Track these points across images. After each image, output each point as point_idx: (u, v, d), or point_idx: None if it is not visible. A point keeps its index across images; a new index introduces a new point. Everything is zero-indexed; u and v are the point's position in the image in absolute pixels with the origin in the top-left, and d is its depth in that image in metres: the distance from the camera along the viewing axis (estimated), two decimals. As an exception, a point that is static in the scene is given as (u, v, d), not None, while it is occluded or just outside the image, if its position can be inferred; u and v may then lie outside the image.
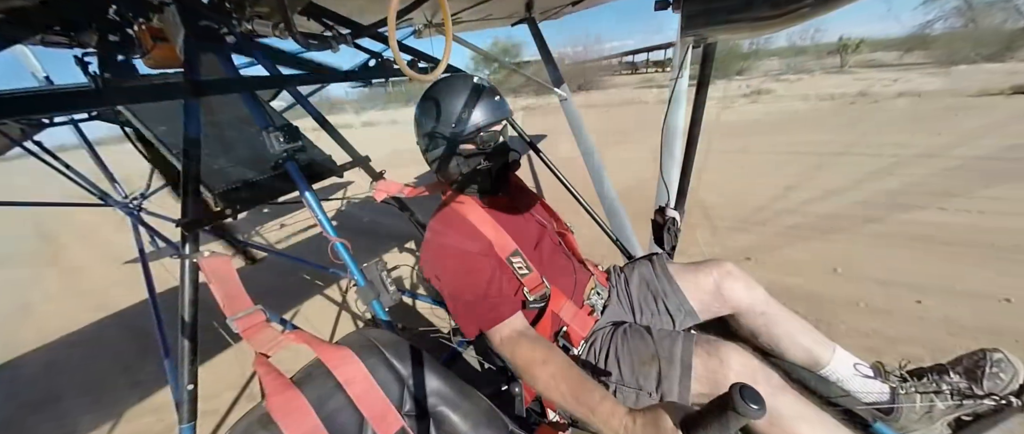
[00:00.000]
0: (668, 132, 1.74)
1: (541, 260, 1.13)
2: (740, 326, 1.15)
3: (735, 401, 0.49)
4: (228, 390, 2.19)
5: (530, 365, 0.86)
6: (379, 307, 1.19)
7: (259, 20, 1.22)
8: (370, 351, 0.92)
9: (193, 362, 0.84)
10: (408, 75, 0.77)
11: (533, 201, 1.30)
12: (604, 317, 1.16)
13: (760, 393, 0.49)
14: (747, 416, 0.48)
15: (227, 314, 0.86)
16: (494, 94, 1.07)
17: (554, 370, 0.83)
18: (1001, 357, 0.91)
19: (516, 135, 1.78)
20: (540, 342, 0.90)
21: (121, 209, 2.40)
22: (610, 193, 2.32)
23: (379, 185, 1.39)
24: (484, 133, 1.05)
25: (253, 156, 1.49)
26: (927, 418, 0.93)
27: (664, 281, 1.21)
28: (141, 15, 1.18)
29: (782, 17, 0.76)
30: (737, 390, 0.49)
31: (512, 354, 0.90)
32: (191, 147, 0.92)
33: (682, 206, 1.53)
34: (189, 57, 1.02)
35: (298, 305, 3.02)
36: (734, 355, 0.87)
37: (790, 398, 0.82)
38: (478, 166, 1.08)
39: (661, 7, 1.16)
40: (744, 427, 0.85)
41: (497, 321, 0.94)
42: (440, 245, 1.05)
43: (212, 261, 0.89)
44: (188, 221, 0.89)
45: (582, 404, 0.76)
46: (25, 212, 7.17)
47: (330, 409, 0.82)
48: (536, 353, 0.87)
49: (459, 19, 2.14)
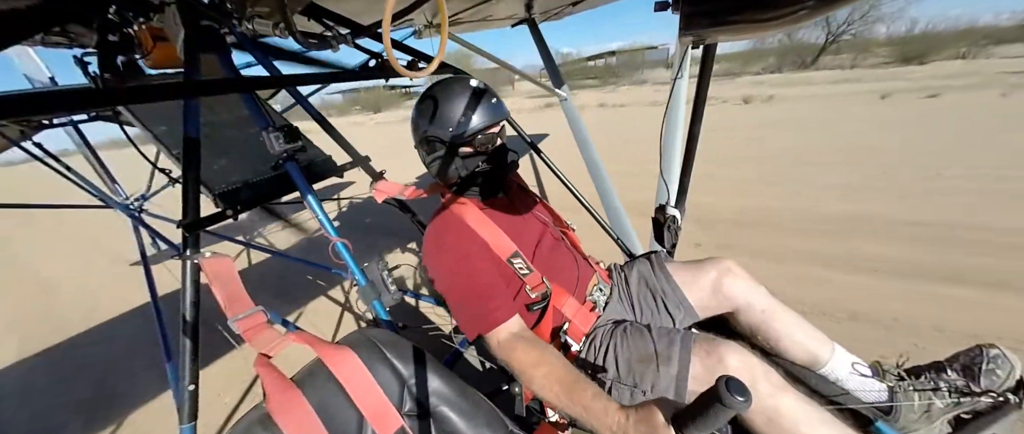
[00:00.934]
0: (668, 131, 1.74)
1: (542, 258, 1.13)
2: (740, 324, 1.15)
3: (721, 393, 0.49)
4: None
5: (525, 367, 0.87)
6: (380, 307, 1.19)
7: (259, 20, 1.22)
8: (371, 351, 0.93)
9: (194, 362, 0.84)
10: (401, 73, 0.77)
11: (533, 200, 1.30)
12: (605, 314, 1.16)
13: (746, 385, 0.50)
14: (733, 408, 0.49)
15: (228, 315, 0.86)
16: (491, 96, 1.06)
17: (548, 371, 0.84)
18: (997, 353, 0.91)
19: (516, 135, 1.78)
20: (536, 344, 0.91)
21: (122, 211, 2.40)
22: (610, 192, 2.32)
23: (379, 186, 1.39)
24: (481, 135, 1.05)
25: (253, 156, 1.49)
26: (926, 417, 0.93)
27: (663, 280, 1.22)
28: (141, 15, 1.18)
29: (782, 18, 0.76)
30: (723, 383, 0.50)
31: (508, 357, 0.91)
32: (191, 148, 0.92)
33: (682, 204, 1.53)
34: (189, 57, 1.02)
35: (302, 305, 3.02)
36: (732, 354, 0.87)
37: (789, 397, 0.83)
38: (476, 168, 1.07)
39: (660, 8, 1.17)
40: (744, 426, 0.86)
41: (494, 325, 0.95)
42: (438, 249, 1.05)
43: (213, 262, 0.89)
44: (189, 222, 0.89)
45: (575, 403, 0.77)
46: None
47: (330, 409, 0.83)
48: (531, 355, 0.88)
49: (459, 20, 2.13)
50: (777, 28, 0.84)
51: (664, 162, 1.71)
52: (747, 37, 0.90)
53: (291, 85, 1.38)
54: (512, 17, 2.32)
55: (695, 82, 1.34)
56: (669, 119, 1.67)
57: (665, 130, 1.66)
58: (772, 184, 4.23)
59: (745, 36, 1.12)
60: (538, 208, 1.29)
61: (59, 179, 2.29)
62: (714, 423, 0.52)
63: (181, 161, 0.93)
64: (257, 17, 1.21)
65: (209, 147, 1.40)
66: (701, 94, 1.32)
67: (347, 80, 1.28)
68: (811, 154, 5.14)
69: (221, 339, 2.16)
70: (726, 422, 0.52)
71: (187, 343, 0.84)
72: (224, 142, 1.56)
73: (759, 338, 1.12)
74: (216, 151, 1.47)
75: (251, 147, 1.54)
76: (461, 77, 1.11)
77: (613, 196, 2.31)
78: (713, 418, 0.52)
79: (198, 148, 0.93)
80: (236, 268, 0.94)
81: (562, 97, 2.40)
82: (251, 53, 1.30)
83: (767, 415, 0.82)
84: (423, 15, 2.03)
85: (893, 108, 7.80)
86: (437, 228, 1.08)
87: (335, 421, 0.82)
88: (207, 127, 1.42)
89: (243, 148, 1.54)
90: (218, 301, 0.88)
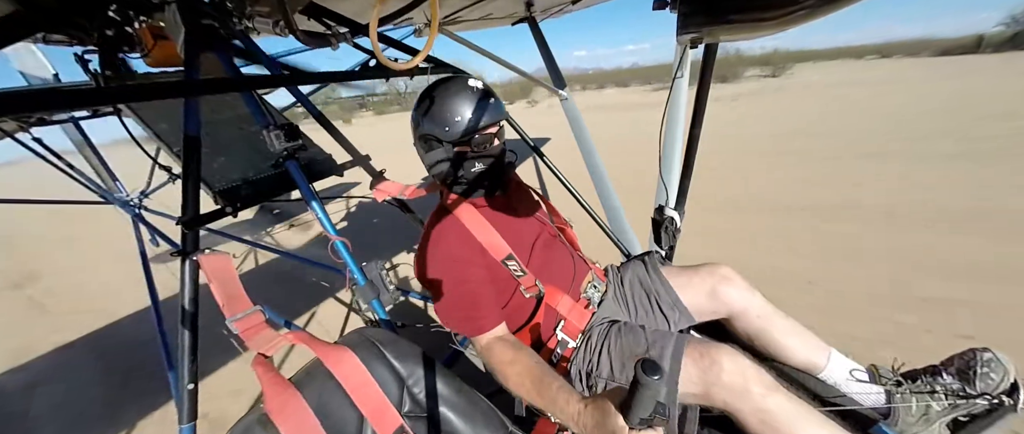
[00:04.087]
0: (667, 132, 1.74)
1: (538, 257, 1.13)
2: (736, 330, 1.15)
3: (638, 375, 0.54)
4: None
5: (501, 365, 0.91)
6: (379, 306, 1.19)
7: (259, 18, 1.22)
8: (369, 350, 0.93)
9: (193, 362, 0.84)
10: (389, 67, 0.77)
11: (531, 198, 1.30)
12: (601, 313, 1.16)
13: (659, 363, 0.54)
14: (649, 387, 0.54)
15: (227, 315, 0.86)
16: (489, 95, 1.05)
17: (520, 368, 0.88)
18: (991, 357, 0.92)
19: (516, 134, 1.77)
20: (513, 345, 0.95)
21: (121, 207, 2.40)
22: (610, 192, 2.32)
23: (379, 185, 1.39)
24: (479, 135, 1.04)
25: (254, 154, 1.49)
26: (924, 421, 0.94)
27: (657, 281, 1.22)
28: (142, 13, 1.18)
29: (781, 18, 0.76)
30: (639, 365, 0.54)
31: (488, 358, 0.96)
32: (191, 145, 0.92)
33: (682, 206, 1.53)
34: (189, 56, 1.02)
35: (306, 304, 3.03)
36: (726, 357, 0.87)
37: (783, 399, 0.83)
38: (473, 169, 1.07)
39: (659, 7, 1.16)
40: (739, 427, 0.86)
41: (479, 333, 0.98)
42: (432, 252, 1.05)
43: (212, 260, 0.89)
44: (188, 219, 0.89)
45: (543, 396, 0.81)
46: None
47: (329, 408, 0.83)
48: (506, 354, 0.92)
49: (459, 18, 2.13)
50: (776, 27, 0.83)
51: (663, 163, 1.71)
52: (746, 37, 0.89)
53: (291, 84, 1.38)
54: (512, 15, 2.32)
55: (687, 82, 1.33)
56: (668, 119, 1.67)
57: (664, 130, 1.66)
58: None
59: (744, 36, 1.11)
60: (536, 205, 1.28)
61: (57, 175, 2.29)
62: (646, 403, 0.57)
63: (181, 158, 0.93)
64: (257, 16, 1.21)
65: (209, 145, 1.41)
66: (702, 95, 1.31)
67: (346, 80, 1.28)
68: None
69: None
70: (654, 400, 0.57)
71: (186, 342, 0.83)
72: (224, 140, 1.56)
73: (756, 344, 1.12)
74: (216, 149, 1.47)
75: (251, 145, 1.54)
76: (460, 76, 1.10)
77: (612, 196, 2.31)
78: (642, 398, 0.56)
79: (198, 146, 0.93)
80: (235, 267, 0.94)
81: (563, 97, 2.40)
82: (251, 52, 1.30)
83: (760, 416, 0.82)
84: (422, 13, 2.02)
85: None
86: (432, 229, 1.08)
87: (334, 421, 0.82)
88: (207, 125, 1.42)
89: (243, 146, 1.54)
90: (216, 300, 0.88)
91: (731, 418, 0.87)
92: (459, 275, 1.01)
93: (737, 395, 0.84)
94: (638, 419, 0.58)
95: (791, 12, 0.75)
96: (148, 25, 1.21)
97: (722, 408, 0.87)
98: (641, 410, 0.57)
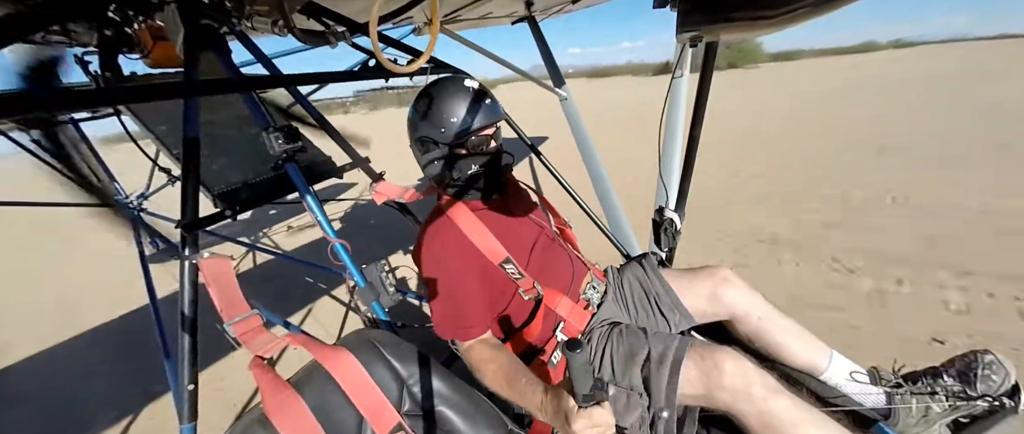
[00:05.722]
0: (667, 132, 1.73)
1: (536, 259, 1.13)
2: (737, 332, 1.15)
3: (564, 352, 0.60)
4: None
5: (480, 363, 0.95)
6: (379, 308, 1.19)
7: (258, 17, 1.22)
8: (368, 351, 0.93)
9: (193, 363, 0.84)
10: (389, 68, 0.77)
11: (529, 199, 1.30)
12: (601, 315, 1.16)
13: (578, 339, 0.59)
14: (574, 360, 0.59)
15: (224, 318, 0.86)
16: (486, 96, 1.05)
17: (496, 367, 0.91)
18: (991, 359, 0.91)
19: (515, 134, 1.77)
20: (492, 346, 0.99)
21: (121, 209, 2.40)
22: (610, 192, 2.32)
23: (379, 188, 1.38)
24: (475, 137, 1.04)
25: (253, 156, 1.49)
26: (924, 422, 0.93)
27: (656, 282, 1.22)
28: (141, 14, 1.18)
29: (781, 16, 0.76)
30: (562, 345, 0.60)
31: (468, 358, 0.99)
32: (191, 147, 0.91)
33: (682, 208, 1.52)
34: (189, 56, 1.02)
35: (306, 306, 3.03)
36: (728, 359, 0.87)
37: (784, 399, 0.83)
38: (470, 171, 1.06)
39: (659, 5, 1.16)
40: (741, 429, 0.86)
41: (466, 338, 1.00)
42: (425, 256, 1.06)
43: (211, 262, 0.89)
44: (188, 222, 0.89)
45: (514, 390, 0.85)
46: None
47: (328, 409, 0.83)
48: (485, 353, 0.96)
49: (458, 17, 2.12)
50: (777, 26, 0.83)
51: (663, 163, 1.71)
52: (747, 35, 0.89)
53: (291, 85, 1.38)
54: (512, 14, 2.31)
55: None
56: (668, 119, 1.66)
57: (664, 130, 1.65)
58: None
59: (745, 34, 1.11)
60: (533, 206, 1.28)
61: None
62: (581, 379, 0.62)
63: (181, 161, 0.93)
64: (256, 15, 1.21)
65: (209, 146, 1.41)
66: (702, 94, 1.31)
67: (346, 80, 1.27)
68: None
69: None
70: (590, 376, 0.63)
71: (186, 344, 0.83)
72: (224, 142, 1.55)
73: (757, 346, 1.12)
74: (216, 151, 1.46)
75: (251, 147, 1.54)
76: (457, 76, 1.09)
77: (612, 196, 2.31)
78: (577, 375, 0.62)
79: (198, 148, 0.92)
80: (234, 269, 0.94)
81: (563, 96, 2.39)
82: (251, 52, 1.30)
83: (762, 419, 0.82)
84: (422, 12, 2.02)
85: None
86: (429, 232, 1.08)
87: (333, 422, 0.82)
88: (207, 126, 1.42)
89: (243, 148, 1.54)
90: (214, 303, 0.87)
91: (733, 420, 0.87)
92: (449, 283, 1.02)
93: (739, 397, 0.84)
94: (581, 396, 0.64)
95: (792, 10, 0.75)
96: (147, 25, 1.21)
97: (724, 410, 0.87)
98: (581, 387, 0.63)
